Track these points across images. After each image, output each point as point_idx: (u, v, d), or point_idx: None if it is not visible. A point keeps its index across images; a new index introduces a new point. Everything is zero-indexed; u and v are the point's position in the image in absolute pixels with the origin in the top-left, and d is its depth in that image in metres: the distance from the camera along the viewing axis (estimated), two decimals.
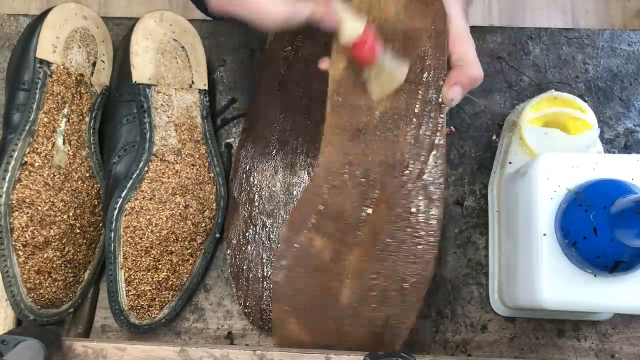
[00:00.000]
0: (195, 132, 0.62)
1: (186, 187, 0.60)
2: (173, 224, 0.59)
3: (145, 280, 0.59)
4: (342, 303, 0.52)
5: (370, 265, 0.52)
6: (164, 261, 0.59)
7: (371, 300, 0.52)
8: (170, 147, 0.60)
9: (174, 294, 0.61)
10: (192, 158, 0.61)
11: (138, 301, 0.59)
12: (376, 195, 0.52)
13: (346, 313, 0.52)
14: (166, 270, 0.60)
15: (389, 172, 0.52)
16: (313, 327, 0.54)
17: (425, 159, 0.51)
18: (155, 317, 0.61)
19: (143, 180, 0.59)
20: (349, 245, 0.52)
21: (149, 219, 0.58)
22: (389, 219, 0.51)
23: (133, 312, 0.59)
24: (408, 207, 0.51)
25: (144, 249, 0.58)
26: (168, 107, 0.61)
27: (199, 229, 0.61)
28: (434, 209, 0.51)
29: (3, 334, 0.50)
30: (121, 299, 0.58)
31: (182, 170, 0.60)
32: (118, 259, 0.58)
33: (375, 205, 0.52)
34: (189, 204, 0.60)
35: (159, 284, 0.60)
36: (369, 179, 0.52)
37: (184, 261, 0.61)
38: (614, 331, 0.62)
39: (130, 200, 0.58)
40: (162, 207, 0.59)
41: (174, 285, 0.60)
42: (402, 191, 0.51)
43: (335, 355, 0.54)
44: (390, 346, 0.52)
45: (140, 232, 0.58)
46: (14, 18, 0.70)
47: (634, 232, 0.44)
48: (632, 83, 0.68)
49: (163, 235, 0.59)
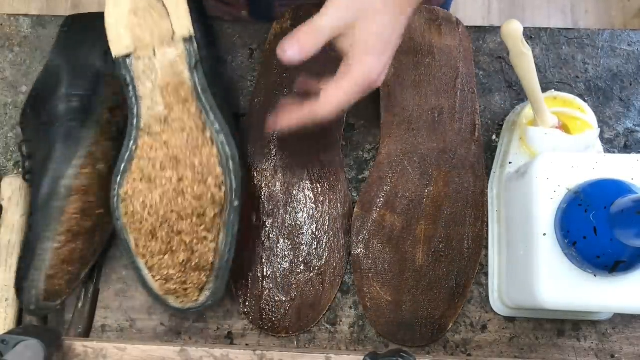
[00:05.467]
0: (182, 90, 0.55)
1: (176, 157, 0.55)
2: (169, 202, 0.55)
3: (166, 264, 0.55)
4: (418, 264, 0.61)
5: (437, 232, 0.62)
6: (176, 242, 0.55)
7: (441, 260, 0.61)
8: (157, 116, 0.55)
9: (206, 274, 0.56)
10: (181, 122, 0.55)
11: (168, 286, 0.56)
12: (434, 175, 0.63)
13: (422, 272, 0.61)
14: (183, 252, 0.55)
15: (442, 156, 0.63)
16: (395, 287, 0.61)
17: (468, 145, 0.64)
18: (198, 300, 0.56)
19: (132, 161, 0.55)
20: (417, 217, 0.62)
21: (143, 201, 0.55)
22: (446, 194, 0.62)
23: (171, 296, 0.56)
24: (460, 183, 0.63)
25: (149, 233, 0.55)
26: (151, 71, 0.55)
27: (205, 201, 0.55)
28: (479, 183, 0.63)
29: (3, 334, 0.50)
30: (152, 286, 0.56)
31: (170, 140, 0.55)
32: (131, 247, 0.56)
33: (434, 183, 0.62)
34: (183, 176, 0.55)
35: (182, 266, 0.55)
36: (425, 162, 0.63)
37: (201, 239, 0.55)
38: (614, 331, 0.62)
39: (123, 185, 0.55)
40: (152, 185, 0.55)
41: (200, 265, 0.56)
42: (454, 171, 0.63)
43: (335, 355, 0.54)
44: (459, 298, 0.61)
45: (139, 217, 0.55)
46: (14, 18, 0.70)
47: (634, 231, 0.44)
48: (632, 83, 0.68)
49: (162, 216, 0.55)
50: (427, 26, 0.66)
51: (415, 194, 0.62)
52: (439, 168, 0.63)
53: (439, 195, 0.62)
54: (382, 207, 0.62)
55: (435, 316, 0.61)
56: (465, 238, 0.62)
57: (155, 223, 0.55)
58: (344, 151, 0.66)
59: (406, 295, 0.61)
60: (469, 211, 0.62)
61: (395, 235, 0.62)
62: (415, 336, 0.61)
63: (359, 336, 0.62)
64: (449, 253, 0.62)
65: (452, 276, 0.61)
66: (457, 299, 0.61)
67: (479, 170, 0.64)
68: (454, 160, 0.63)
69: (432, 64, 0.65)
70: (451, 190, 0.63)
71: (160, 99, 0.55)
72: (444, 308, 0.61)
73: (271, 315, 0.61)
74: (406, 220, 0.62)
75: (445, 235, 0.62)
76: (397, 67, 0.65)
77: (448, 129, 0.64)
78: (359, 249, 0.62)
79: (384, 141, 0.64)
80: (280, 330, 0.61)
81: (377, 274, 0.61)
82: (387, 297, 0.61)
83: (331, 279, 0.61)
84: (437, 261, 0.61)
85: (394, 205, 0.62)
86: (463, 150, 0.64)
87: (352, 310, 0.63)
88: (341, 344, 0.62)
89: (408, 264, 0.61)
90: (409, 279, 0.61)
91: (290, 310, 0.61)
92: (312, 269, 0.61)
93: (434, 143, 0.64)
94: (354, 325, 0.62)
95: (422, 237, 0.62)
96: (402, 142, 0.64)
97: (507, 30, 0.53)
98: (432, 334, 0.61)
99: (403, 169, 0.63)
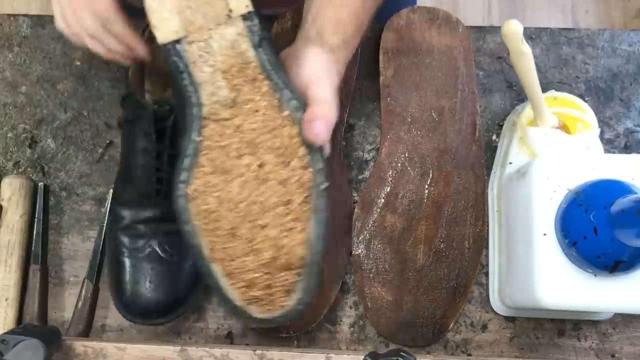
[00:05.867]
0: (248, 69, 0.50)
1: (253, 142, 0.49)
2: (250, 193, 0.48)
3: (248, 268, 0.49)
4: (419, 264, 0.61)
5: (437, 232, 0.62)
6: (260, 239, 0.49)
7: (442, 260, 0.62)
8: (222, 101, 0.49)
9: (296, 272, 0.49)
10: (253, 103, 0.49)
11: (251, 293, 0.49)
12: (434, 175, 0.63)
13: (423, 272, 0.61)
14: (268, 249, 0.49)
15: (442, 157, 0.63)
16: (396, 287, 0.61)
17: (469, 146, 0.64)
18: (285, 305, 0.49)
19: (199, 154, 0.49)
20: (417, 217, 0.62)
21: (218, 196, 0.48)
22: (446, 194, 0.62)
23: (253, 306, 0.49)
24: (461, 183, 0.63)
25: (228, 232, 0.49)
26: (208, 55, 0.50)
27: (291, 185, 0.49)
28: (480, 183, 0.63)
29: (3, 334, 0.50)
30: (231, 296, 0.49)
31: (243, 123, 0.49)
32: (204, 252, 0.49)
33: (434, 184, 0.62)
34: (264, 161, 0.49)
35: (267, 266, 0.49)
36: (425, 163, 0.63)
37: (288, 231, 0.49)
38: (614, 331, 0.62)
39: (191, 182, 0.49)
40: (229, 176, 0.48)
41: (289, 263, 0.49)
42: (455, 171, 0.63)
43: (336, 355, 0.54)
44: (460, 298, 0.62)
45: (215, 215, 0.49)
46: (13, 18, 0.70)
47: (634, 231, 0.44)
48: (632, 83, 0.68)
49: (243, 210, 0.48)
50: (427, 26, 0.66)
51: (416, 194, 0.62)
52: (439, 168, 0.63)
53: (439, 196, 0.62)
54: (382, 207, 0.62)
55: (436, 316, 0.61)
56: (466, 238, 0.62)
57: (235, 219, 0.48)
58: (344, 151, 0.66)
59: (407, 295, 0.61)
60: (469, 211, 0.62)
61: (395, 236, 0.62)
62: (416, 336, 0.61)
63: (359, 336, 0.62)
64: (449, 253, 0.62)
65: (453, 276, 0.61)
66: (458, 298, 0.61)
67: (479, 171, 0.64)
68: (454, 161, 0.63)
69: (432, 64, 0.65)
70: (452, 191, 0.63)
71: (224, 83, 0.49)
72: (444, 308, 0.61)
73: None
74: (407, 220, 0.62)
75: (446, 236, 0.62)
76: (398, 68, 0.65)
77: (448, 129, 0.64)
78: (360, 249, 0.62)
79: (384, 141, 0.64)
80: (280, 330, 0.61)
81: (378, 274, 0.61)
82: (388, 297, 0.61)
83: (331, 279, 0.61)
84: (438, 261, 0.61)
85: (395, 206, 0.62)
86: (463, 151, 0.64)
87: (353, 310, 0.63)
88: (341, 344, 0.62)
89: (409, 264, 0.61)
90: (410, 279, 0.61)
91: None
92: None
93: (434, 143, 0.64)
94: (354, 325, 0.62)
95: (423, 237, 0.62)
96: (402, 143, 0.64)
97: (507, 30, 0.53)
98: (433, 334, 0.61)
99: (403, 169, 0.63)
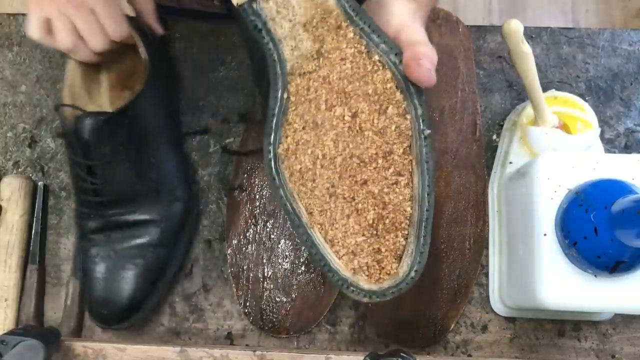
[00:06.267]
0: (330, 18, 0.47)
1: (343, 91, 0.46)
2: (346, 146, 0.45)
3: (351, 231, 0.45)
4: None
5: (438, 232, 0.62)
6: (361, 197, 0.45)
7: (443, 260, 0.61)
8: (306, 54, 0.47)
9: (405, 233, 0.45)
10: (339, 51, 0.46)
11: (358, 260, 0.45)
12: (435, 175, 0.62)
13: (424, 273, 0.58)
14: (371, 207, 0.45)
15: (443, 156, 0.63)
16: None
17: (470, 145, 0.64)
18: (399, 272, 0.45)
19: (287, 111, 0.46)
20: None
21: (312, 152, 0.45)
22: (447, 194, 0.62)
23: (361, 276, 0.45)
24: (462, 183, 0.63)
25: (325, 192, 0.45)
26: (287, 10, 0.47)
27: (390, 135, 0.45)
28: (480, 183, 0.63)
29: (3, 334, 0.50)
30: (336, 266, 0.44)
31: (330, 74, 0.46)
32: (302, 218, 0.45)
33: (435, 184, 0.59)
34: (357, 110, 0.45)
35: (372, 228, 0.45)
36: None
37: (392, 185, 0.45)
38: (615, 331, 0.62)
39: (282, 142, 0.46)
40: (321, 130, 0.45)
41: (396, 222, 0.45)
42: (455, 171, 0.63)
43: (336, 355, 0.54)
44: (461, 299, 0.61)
45: (310, 174, 0.45)
46: (13, 18, 0.70)
47: (635, 232, 0.44)
48: (632, 83, 0.68)
49: (340, 165, 0.45)
50: (428, 26, 0.66)
51: None
52: (440, 168, 0.63)
53: (440, 195, 0.62)
54: None
55: (437, 317, 0.61)
56: (466, 238, 0.62)
57: (332, 176, 0.45)
58: None
59: (408, 295, 0.60)
60: (470, 211, 0.62)
61: None
62: (417, 337, 0.61)
63: (359, 336, 0.62)
64: (450, 253, 0.61)
65: (454, 276, 0.61)
66: (458, 299, 0.61)
67: (479, 170, 0.64)
68: (454, 160, 0.63)
69: None
70: (452, 190, 0.63)
71: (305, 35, 0.46)
72: (445, 308, 0.61)
73: (272, 315, 0.61)
74: None
75: (447, 236, 0.62)
76: None
77: (449, 129, 0.64)
78: None
79: None
80: (280, 331, 0.61)
81: None
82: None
83: None
84: (439, 261, 0.61)
85: None
86: (464, 150, 0.64)
87: (352, 310, 0.63)
88: (341, 345, 0.62)
89: None
90: None
91: (291, 311, 0.61)
92: (313, 270, 0.61)
93: (434, 143, 0.64)
94: (354, 325, 0.62)
95: None
96: None
97: (508, 29, 0.53)
98: (434, 335, 0.61)
99: None
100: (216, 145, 0.67)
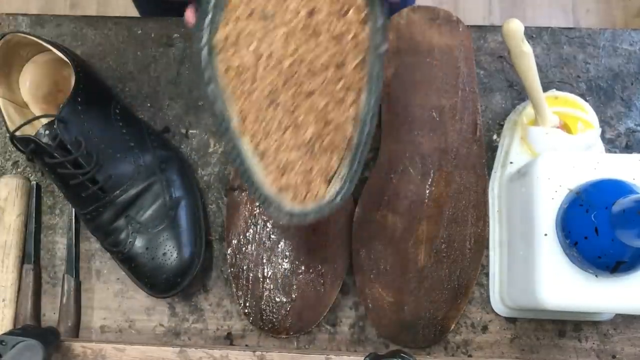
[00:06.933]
0: None
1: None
2: (297, 48, 0.39)
3: (286, 146, 0.40)
4: (420, 265, 0.61)
5: (438, 232, 0.61)
6: (303, 110, 0.40)
7: (443, 260, 0.61)
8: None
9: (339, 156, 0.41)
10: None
11: (287, 178, 0.40)
12: (435, 175, 0.62)
13: (424, 273, 0.61)
14: (312, 123, 0.40)
15: (443, 156, 0.63)
16: (397, 288, 0.61)
17: (470, 145, 0.63)
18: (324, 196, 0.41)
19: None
20: (418, 217, 0.61)
21: (256, 48, 0.39)
22: (447, 194, 0.62)
23: (287, 194, 0.41)
24: (462, 183, 0.62)
25: (265, 97, 0.39)
26: None
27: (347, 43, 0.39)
28: (481, 183, 0.63)
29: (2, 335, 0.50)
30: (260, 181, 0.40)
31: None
32: (233, 123, 0.40)
33: (435, 183, 0.62)
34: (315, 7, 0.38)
35: (308, 145, 0.40)
36: (426, 162, 0.62)
37: (338, 102, 0.40)
38: (615, 332, 0.61)
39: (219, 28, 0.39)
40: (271, 24, 0.38)
41: (333, 143, 0.40)
42: (456, 171, 0.62)
43: (336, 356, 0.54)
44: (461, 299, 0.61)
45: (250, 73, 0.39)
46: (12, 17, 0.70)
47: (635, 232, 0.44)
48: (633, 82, 0.68)
49: (286, 70, 0.39)
50: (428, 26, 0.66)
51: (417, 194, 0.62)
52: (440, 168, 0.63)
53: (440, 196, 0.62)
54: (383, 207, 0.62)
55: (438, 317, 0.60)
56: (467, 238, 0.62)
57: (276, 81, 0.39)
58: None
59: (408, 296, 0.61)
60: (470, 211, 0.62)
61: (396, 236, 0.62)
62: (417, 337, 0.60)
63: (359, 337, 0.62)
64: (450, 253, 0.61)
65: (454, 277, 0.61)
66: (459, 299, 0.61)
67: (480, 170, 0.63)
68: (455, 160, 0.63)
69: (432, 64, 0.65)
70: (452, 191, 0.62)
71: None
72: (446, 309, 0.61)
73: (271, 316, 0.61)
74: (407, 220, 0.62)
75: (447, 236, 0.62)
76: (398, 67, 0.65)
77: (449, 129, 0.64)
78: (360, 249, 0.62)
79: (384, 141, 0.64)
80: (280, 331, 0.61)
81: (378, 275, 0.61)
82: (388, 298, 0.61)
83: (332, 280, 0.61)
84: (439, 262, 0.61)
85: (395, 206, 0.62)
86: (464, 150, 0.63)
87: (352, 311, 0.62)
88: (341, 345, 0.62)
89: (410, 265, 0.61)
90: (411, 280, 0.61)
91: (291, 311, 0.61)
92: (313, 270, 0.61)
93: (435, 143, 0.63)
94: (354, 326, 0.62)
95: (424, 237, 0.61)
96: (403, 142, 0.63)
97: (508, 29, 0.53)
98: (434, 335, 0.60)
99: (404, 169, 0.63)
100: (216, 145, 0.66)
